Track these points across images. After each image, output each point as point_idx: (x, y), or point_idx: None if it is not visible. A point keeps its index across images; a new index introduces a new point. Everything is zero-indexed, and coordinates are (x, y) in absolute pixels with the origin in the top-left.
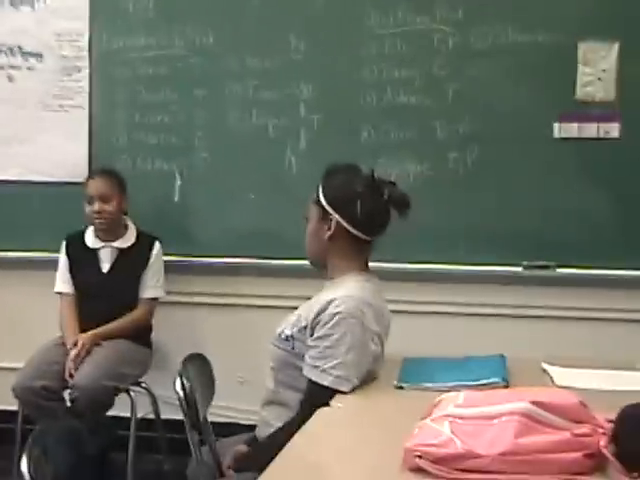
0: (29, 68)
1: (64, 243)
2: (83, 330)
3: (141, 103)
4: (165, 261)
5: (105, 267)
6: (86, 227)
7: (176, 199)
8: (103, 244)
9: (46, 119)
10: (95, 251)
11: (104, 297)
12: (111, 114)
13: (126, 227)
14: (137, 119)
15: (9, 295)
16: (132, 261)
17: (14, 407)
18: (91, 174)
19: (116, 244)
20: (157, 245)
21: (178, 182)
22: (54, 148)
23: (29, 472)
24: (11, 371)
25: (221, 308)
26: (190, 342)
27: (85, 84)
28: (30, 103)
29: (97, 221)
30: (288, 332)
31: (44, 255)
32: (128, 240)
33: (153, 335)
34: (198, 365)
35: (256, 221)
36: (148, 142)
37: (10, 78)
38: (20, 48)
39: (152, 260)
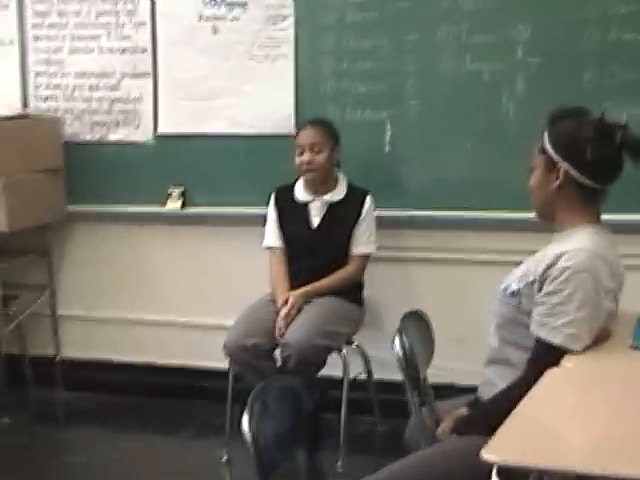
0: (233, 19)
1: (273, 196)
2: (293, 287)
3: (349, 50)
4: (376, 215)
5: (315, 222)
6: (296, 180)
7: (386, 150)
8: (313, 197)
9: (251, 70)
10: (305, 205)
11: (314, 253)
12: (318, 63)
13: (337, 180)
14: (345, 67)
15: (218, 252)
16: (343, 216)
17: (224, 365)
18: (303, 124)
19: (326, 197)
20: (369, 199)
21: (388, 132)
22: (260, 100)
23: (250, 429)
24: (222, 329)
25: (437, 264)
26: (404, 300)
27: (291, 33)
28: (235, 54)
29: (307, 172)
30: (514, 287)
31: (252, 210)
32: (339, 194)
33: (365, 292)
34: (416, 323)
35: (471, 171)
36: (356, 90)
37: (215, 29)
38: None
39: (363, 215)
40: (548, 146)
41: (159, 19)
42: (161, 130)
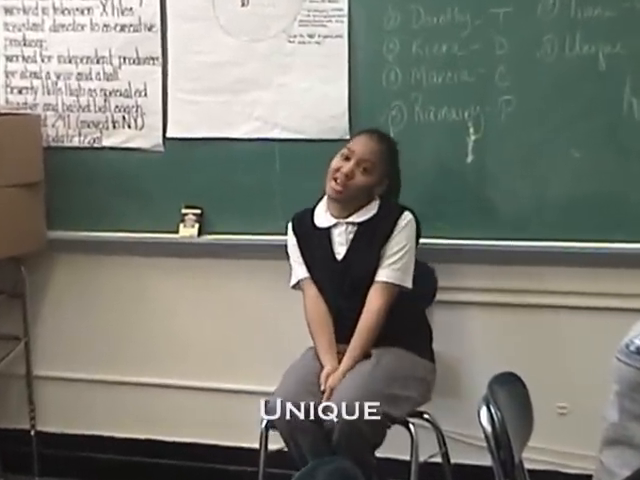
0: None
1: (290, 225)
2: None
3: (420, 28)
4: (452, 247)
5: (340, 251)
6: (318, 201)
7: (469, 160)
8: (336, 221)
9: (291, 54)
10: (326, 231)
11: (342, 292)
12: (379, 45)
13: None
14: (415, 50)
15: (246, 293)
16: (373, 236)
17: (251, 443)
18: (362, 131)
19: (352, 218)
20: (406, 216)
21: (472, 137)
22: (302, 94)
23: None
24: (251, 395)
25: (532, 310)
26: (488, 356)
27: (344, 5)
28: (269, 33)
29: (336, 186)
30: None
31: (276, 238)
32: (368, 211)
33: (435, 345)
34: (508, 389)
35: (581, 188)
36: (430, 82)
37: (243, 1)
38: None
39: (395, 232)
40: None
41: None
42: (171, 133)
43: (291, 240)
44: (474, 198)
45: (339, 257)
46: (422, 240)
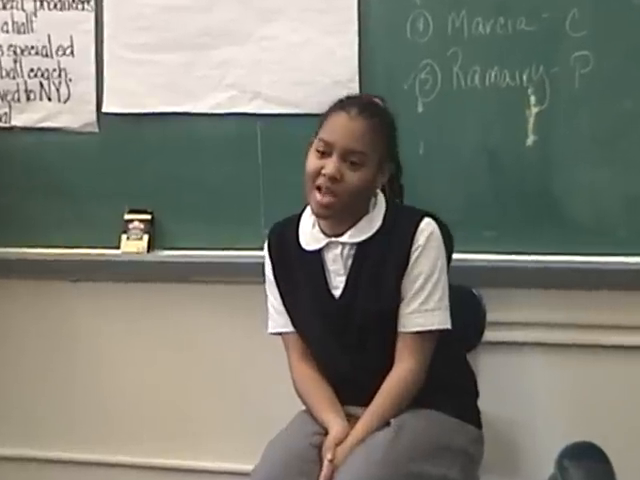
0: None
1: (266, 244)
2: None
3: None
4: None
5: (337, 285)
6: (304, 208)
7: (528, 143)
8: (328, 240)
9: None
10: (317, 254)
11: (343, 346)
12: None
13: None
14: None
15: (216, 330)
16: (382, 263)
17: None
18: (338, 104)
19: (349, 237)
20: (426, 225)
21: (533, 110)
22: (294, 52)
23: None
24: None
25: (605, 351)
26: (555, 417)
27: None
28: None
29: (322, 196)
30: None
31: (257, 255)
32: (371, 224)
33: (481, 404)
34: (586, 464)
35: None
36: (473, 31)
37: None
38: None
39: (416, 254)
40: None
41: None
42: (109, 108)
43: (267, 267)
44: (536, 196)
45: (336, 293)
46: (463, 256)
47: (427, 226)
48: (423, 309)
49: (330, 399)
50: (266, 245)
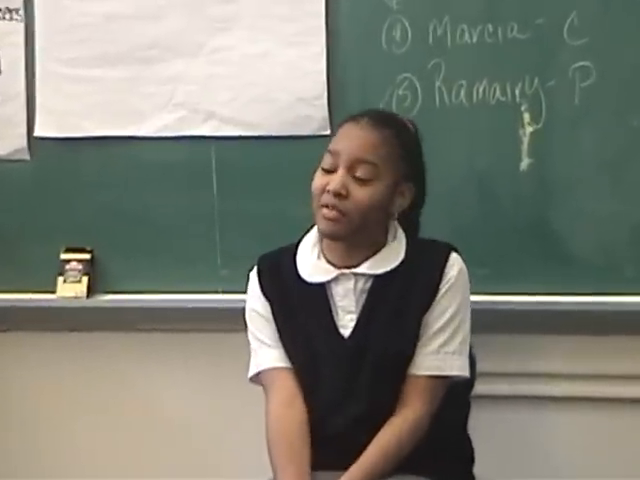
0: None
1: (256, 277)
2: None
3: None
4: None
5: (346, 324)
6: (304, 234)
7: (522, 167)
8: (337, 272)
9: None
10: (321, 288)
11: (351, 392)
12: None
13: (388, 232)
14: None
15: (168, 387)
16: (403, 301)
17: None
18: (349, 117)
19: (364, 268)
20: (455, 260)
21: (527, 127)
22: (254, 66)
23: None
24: None
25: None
26: None
27: None
28: None
29: (326, 218)
30: None
31: (235, 298)
32: (391, 257)
33: (477, 468)
34: None
35: None
36: (458, 40)
37: None
38: None
39: (442, 292)
40: None
41: None
42: (42, 131)
43: (255, 302)
44: (532, 227)
45: (345, 333)
46: None
47: (457, 261)
48: (443, 351)
49: (299, 466)
50: (255, 277)
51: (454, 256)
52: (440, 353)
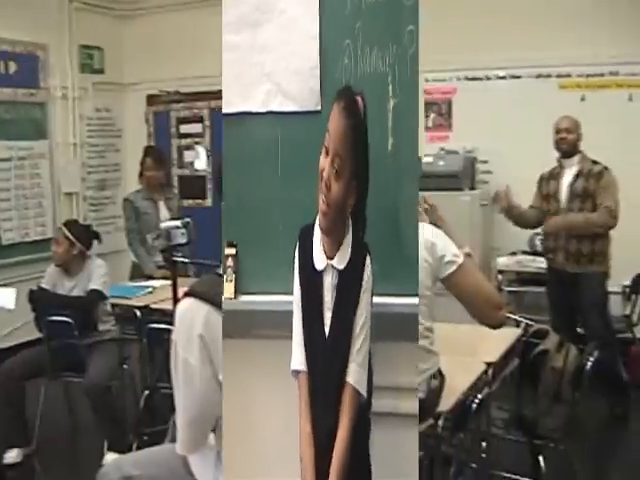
0: None
1: (298, 244)
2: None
3: None
4: None
5: (328, 317)
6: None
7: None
8: (327, 263)
9: None
10: (319, 277)
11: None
12: None
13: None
14: None
15: None
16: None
17: None
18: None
19: (335, 259)
20: (369, 263)
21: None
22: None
23: None
24: None
25: None
26: None
27: None
28: None
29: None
30: None
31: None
32: (347, 249)
33: None
34: None
35: None
36: None
37: None
38: None
39: (364, 286)
40: None
41: None
42: None
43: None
44: None
45: (327, 329)
46: None
47: (369, 263)
48: (357, 362)
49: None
50: (297, 246)
51: (368, 259)
52: (355, 367)
